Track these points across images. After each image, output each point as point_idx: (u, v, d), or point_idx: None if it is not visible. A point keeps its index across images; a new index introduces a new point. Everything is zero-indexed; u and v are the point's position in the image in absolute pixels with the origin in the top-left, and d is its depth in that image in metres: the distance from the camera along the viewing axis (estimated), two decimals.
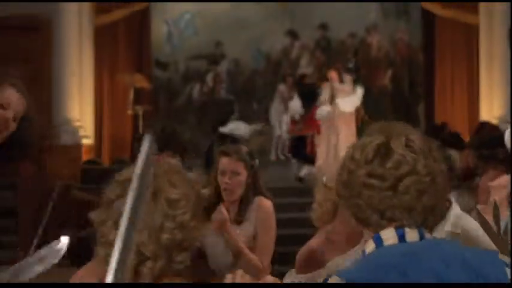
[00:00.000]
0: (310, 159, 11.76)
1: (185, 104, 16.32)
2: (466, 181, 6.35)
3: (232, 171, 4.21)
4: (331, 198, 3.60)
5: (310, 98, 11.95)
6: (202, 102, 16.43)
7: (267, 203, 4.31)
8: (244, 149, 4.37)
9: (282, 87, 15.18)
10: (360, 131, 11.44)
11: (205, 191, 4.32)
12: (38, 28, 11.68)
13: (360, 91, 11.90)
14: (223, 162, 4.24)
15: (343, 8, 15.92)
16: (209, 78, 16.43)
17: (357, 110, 11.82)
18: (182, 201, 2.02)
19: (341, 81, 11.83)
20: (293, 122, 12.20)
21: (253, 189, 4.26)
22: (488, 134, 7.21)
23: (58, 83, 11.45)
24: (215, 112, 9.73)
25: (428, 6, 12.16)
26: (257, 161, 4.37)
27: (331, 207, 3.66)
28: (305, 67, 16.13)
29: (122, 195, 2.01)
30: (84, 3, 11.53)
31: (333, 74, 11.91)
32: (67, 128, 11.28)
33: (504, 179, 3.76)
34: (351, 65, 12.51)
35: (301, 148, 11.85)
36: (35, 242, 10.09)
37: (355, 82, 12.00)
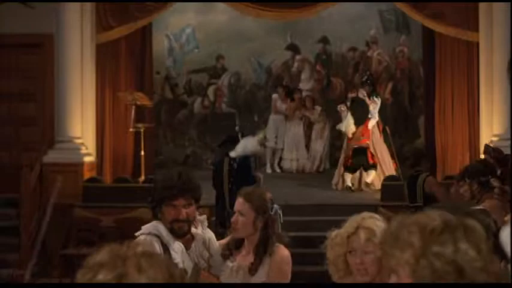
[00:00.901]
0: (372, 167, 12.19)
1: (187, 117, 16.37)
2: None
3: (239, 211, 4.25)
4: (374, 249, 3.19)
5: (363, 111, 12.22)
6: (203, 116, 16.50)
7: (284, 253, 4.24)
8: (265, 193, 4.35)
9: (274, 96, 15.22)
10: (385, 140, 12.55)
11: (223, 241, 4.36)
12: (40, 45, 11.73)
13: (377, 100, 12.48)
14: (236, 202, 4.30)
15: (343, 23, 15.99)
16: (210, 91, 16.50)
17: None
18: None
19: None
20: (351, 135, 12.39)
21: (267, 234, 4.21)
22: (479, 164, 7.38)
23: (60, 100, 11.46)
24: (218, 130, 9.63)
25: (427, 23, 12.16)
26: (276, 207, 4.33)
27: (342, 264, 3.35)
28: (306, 80, 16.18)
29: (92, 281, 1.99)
30: (86, 21, 11.55)
31: (352, 94, 12.84)
32: (69, 145, 11.29)
33: None
34: (364, 79, 12.87)
35: (365, 158, 12.10)
36: (34, 259, 10.16)
37: (371, 94, 12.52)
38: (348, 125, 12.28)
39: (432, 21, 11.95)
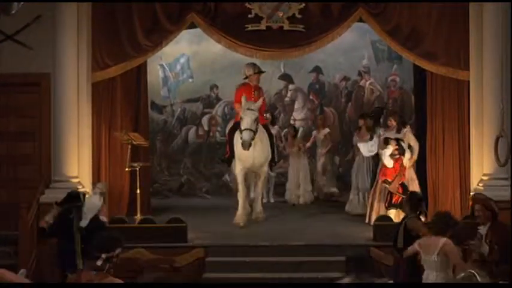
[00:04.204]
0: None
1: (181, 146, 16.50)
2: None
3: None
4: None
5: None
6: (198, 145, 16.63)
7: None
8: None
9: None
10: None
11: None
12: (38, 85, 11.88)
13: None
14: None
15: (336, 53, 16.17)
16: (204, 121, 16.64)
17: None
18: None
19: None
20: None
21: None
22: None
23: (56, 139, 11.59)
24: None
25: (419, 62, 12.26)
26: None
27: None
28: (299, 110, 16.35)
29: None
30: (82, 61, 11.68)
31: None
32: (66, 184, 11.40)
33: None
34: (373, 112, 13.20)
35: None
36: None
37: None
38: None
39: (423, 61, 12.08)
